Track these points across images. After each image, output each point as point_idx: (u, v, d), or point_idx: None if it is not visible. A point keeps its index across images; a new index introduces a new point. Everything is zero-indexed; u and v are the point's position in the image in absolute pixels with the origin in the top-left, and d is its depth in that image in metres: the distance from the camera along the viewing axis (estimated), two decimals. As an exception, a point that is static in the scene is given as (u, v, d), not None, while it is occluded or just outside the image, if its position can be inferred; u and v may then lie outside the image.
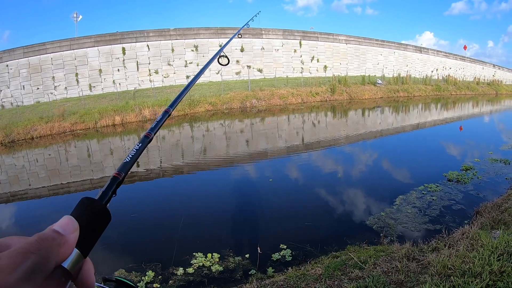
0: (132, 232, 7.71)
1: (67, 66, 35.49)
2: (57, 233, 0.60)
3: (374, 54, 53.61)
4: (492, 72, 75.37)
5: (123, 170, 0.88)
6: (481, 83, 62.29)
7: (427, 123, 25.09)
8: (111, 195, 0.80)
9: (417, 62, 59.52)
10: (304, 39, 46.92)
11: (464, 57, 70.53)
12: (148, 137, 1.10)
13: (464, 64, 68.95)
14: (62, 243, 0.59)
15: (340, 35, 50.19)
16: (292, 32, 46.13)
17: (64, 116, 24.36)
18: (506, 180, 10.71)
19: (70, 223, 0.64)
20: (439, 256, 4.71)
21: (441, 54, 65.17)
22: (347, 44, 50.62)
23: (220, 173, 13.06)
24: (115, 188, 0.82)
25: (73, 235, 0.62)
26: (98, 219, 0.70)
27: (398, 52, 57.00)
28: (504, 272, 3.84)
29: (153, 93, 32.19)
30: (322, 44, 48.34)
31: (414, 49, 60.27)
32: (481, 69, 72.94)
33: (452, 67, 65.53)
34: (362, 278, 4.57)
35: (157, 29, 39.22)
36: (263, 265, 6.03)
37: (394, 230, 7.29)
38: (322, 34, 48.68)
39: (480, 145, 17.03)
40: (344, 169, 12.92)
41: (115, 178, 0.84)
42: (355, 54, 51.42)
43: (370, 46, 53.28)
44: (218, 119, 26.13)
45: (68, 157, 16.86)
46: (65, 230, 0.61)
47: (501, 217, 6.35)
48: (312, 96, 35.22)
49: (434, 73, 59.73)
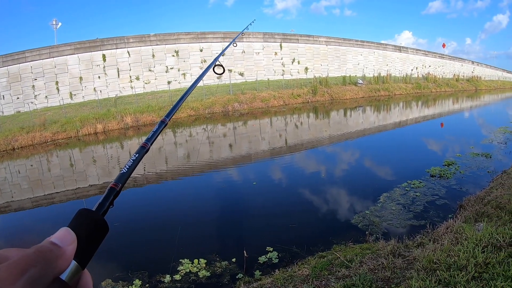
0: (117, 241, 7.62)
1: (47, 75, 35.03)
2: (55, 245, 0.60)
3: (354, 54, 54.04)
4: (471, 68, 76.67)
5: (120, 181, 0.90)
6: (460, 80, 63.27)
7: (409, 121, 25.32)
8: (108, 206, 0.80)
9: (397, 61, 60.16)
10: (285, 42, 47.07)
11: (443, 54, 71.61)
12: (145, 147, 1.09)
13: (443, 62, 69.97)
14: (60, 255, 0.59)
15: (320, 37, 50.46)
16: (273, 35, 46.24)
17: (45, 125, 24.05)
18: (488, 174, 10.86)
19: (67, 234, 0.64)
20: (424, 251, 4.74)
21: (420, 53, 66.00)
22: (327, 45, 50.91)
23: (204, 179, 12.99)
24: (112, 199, 0.83)
25: (70, 247, 0.62)
26: (95, 231, 0.70)
27: (378, 52, 57.55)
28: (489, 264, 3.88)
29: (134, 99, 31.99)
30: (302, 46, 48.56)
31: (393, 49, 60.90)
32: (460, 66, 74.12)
33: (432, 65, 66.42)
34: (349, 277, 4.57)
35: (138, 35, 39.03)
36: (250, 269, 5.99)
37: (379, 227, 7.32)
38: (302, 36, 48.91)
39: (461, 140, 17.23)
40: (328, 169, 12.96)
41: (112, 189, 0.85)
42: (335, 55, 51.73)
43: (350, 47, 53.69)
44: (201, 124, 26.06)
45: (51, 167, 16.64)
46: (63, 242, 0.61)
47: (484, 209, 6.41)
48: (294, 98, 35.30)
49: (414, 71, 60.45)
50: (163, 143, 20.23)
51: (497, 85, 76.08)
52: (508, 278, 3.48)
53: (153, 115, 26.24)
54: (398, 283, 4.17)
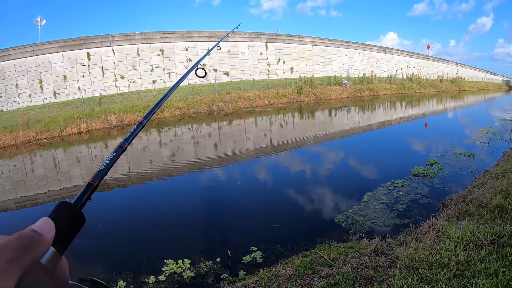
0: (101, 242, 7.56)
1: (31, 73, 34.39)
2: (35, 232, 0.66)
3: (339, 55, 54.25)
4: (455, 69, 77.44)
5: (98, 177, 0.95)
6: (444, 81, 64.07)
7: (393, 121, 25.53)
8: (85, 200, 0.87)
9: (382, 62, 60.56)
10: (270, 42, 47.08)
11: (428, 56, 72.22)
12: (122, 147, 1.14)
13: (427, 63, 70.60)
14: (40, 241, 0.65)
15: (306, 37, 50.58)
16: (258, 35, 46.23)
17: (28, 125, 23.70)
18: (470, 173, 11.01)
19: (47, 223, 0.69)
20: (407, 250, 4.78)
21: (405, 54, 66.50)
22: (312, 45, 51.03)
23: (188, 179, 12.94)
24: (90, 193, 0.90)
25: (49, 234, 0.68)
26: (73, 222, 0.76)
27: (363, 53, 57.87)
28: (470, 262, 3.92)
29: (119, 99, 31.72)
30: (288, 46, 48.62)
31: (378, 49, 61.27)
32: (444, 67, 74.84)
33: (416, 66, 66.98)
34: (332, 276, 4.59)
35: (123, 33, 38.61)
36: (235, 268, 5.99)
37: (362, 226, 7.37)
38: (288, 36, 48.96)
39: (444, 140, 17.44)
40: (312, 169, 13.01)
41: (90, 185, 0.91)
42: (320, 56, 51.88)
43: (336, 47, 53.90)
44: (186, 123, 25.95)
45: (34, 168, 16.44)
46: (43, 229, 0.67)
47: (467, 208, 6.47)
48: (279, 97, 35.33)
49: (398, 72, 60.90)
50: (148, 143, 20.13)
51: (480, 86, 77.06)
52: (489, 276, 3.52)
53: (138, 115, 26.03)
54: (381, 282, 4.20)
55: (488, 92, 70.08)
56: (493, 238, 4.31)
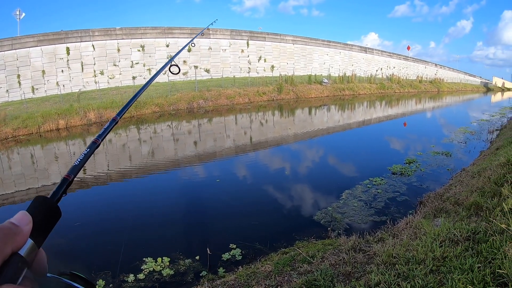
0: (78, 241, 7.47)
1: (9, 67, 33.59)
2: (13, 224, 0.70)
3: (320, 54, 54.51)
4: (434, 71, 78.52)
5: (73, 172, 1.00)
6: (423, 81, 64.94)
7: (372, 120, 25.76)
8: (61, 194, 0.91)
9: (362, 61, 61.06)
10: (252, 39, 47.06)
11: (408, 57, 73.08)
12: (96, 143, 1.20)
13: (407, 64, 71.45)
14: (18, 232, 0.69)
15: (287, 36, 50.68)
16: (240, 32, 46.16)
17: (5, 121, 23.27)
18: (447, 171, 11.18)
19: (24, 216, 0.74)
20: (384, 246, 4.82)
21: (385, 54, 67.17)
22: (294, 44, 51.17)
23: (167, 176, 12.88)
24: (65, 188, 0.94)
25: (27, 226, 0.72)
26: (50, 215, 0.80)
27: (344, 52, 58.24)
28: (446, 258, 3.96)
29: (98, 95, 31.39)
30: (269, 44, 48.65)
31: (359, 49, 61.74)
32: (423, 68, 75.81)
33: (396, 66, 67.72)
34: (310, 272, 4.61)
35: (103, 28, 38.05)
36: (214, 266, 6.00)
37: (341, 223, 7.43)
38: (270, 34, 48.99)
39: (422, 139, 17.65)
40: (292, 167, 13.05)
41: (65, 180, 0.96)
42: (301, 54, 52.06)
43: (317, 46, 54.12)
44: (165, 120, 25.77)
45: (12, 165, 16.19)
46: (20, 222, 0.72)
47: (443, 205, 6.56)
48: (259, 95, 35.35)
49: (378, 72, 61.50)
50: (127, 140, 19.97)
51: (459, 87, 78.22)
52: (464, 271, 3.56)
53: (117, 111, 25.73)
54: (358, 278, 4.23)
55: (466, 93, 71.14)
56: (469, 234, 4.36)
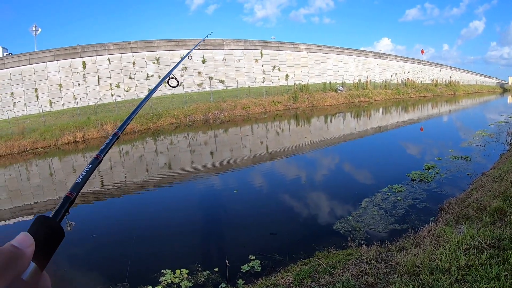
0: (96, 253, 7.50)
1: (26, 82, 34.27)
2: (15, 247, 0.65)
3: (334, 61, 54.40)
4: (449, 73, 77.98)
5: (75, 190, 0.98)
6: (439, 85, 64.34)
7: (389, 126, 25.55)
8: (64, 213, 0.88)
9: (377, 67, 60.79)
10: (265, 49, 47.12)
11: (422, 60, 72.69)
12: (98, 159, 1.16)
13: (422, 68, 71.04)
14: (20, 256, 0.65)
15: (301, 44, 50.68)
16: (253, 42, 46.28)
17: (24, 133, 23.61)
18: (467, 176, 11.01)
19: (26, 238, 0.69)
20: (406, 256, 4.73)
21: (400, 59, 66.87)
22: (307, 52, 51.14)
23: (185, 187, 12.88)
24: (68, 207, 0.91)
25: (29, 249, 0.67)
26: (52, 235, 0.76)
27: (358, 59, 58.06)
28: (471, 266, 3.88)
29: (115, 107, 31.67)
30: (283, 53, 48.69)
31: (373, 55, 61.52)
32: (438, 71, 75.34)
33: (411, 70, 67.37)
34: (332, 284, 4.55)
35: (118, 42, 38.57)
36: (233, 278, 5.94)
37: (361, 232, 7.33)
38: (283, 43, 49.05)
39: (441, 144, 17.44)
40: (309, 175, 12.97)
41: (68, 198, 0.93)
42: (315, 62, 51.99)
43: (330, 54, 54.05)
44: (182, 131, 25.87)
45: (30, 177, 16.37)
46: (22, 244, 0.67)
47: (465, 212, 6.45)
48: (275, 105, 35.32)
49: (393, 77, 61.19)
50: (144, 151, 20.07)
51: (475, 89, 77.48)
52: (491, 280, 3.49)
53: (133, 123, 25.94)
54: (381, 288, 4.16)
55: (482, 95, 70.52)
56: (494, 241, 4.28)
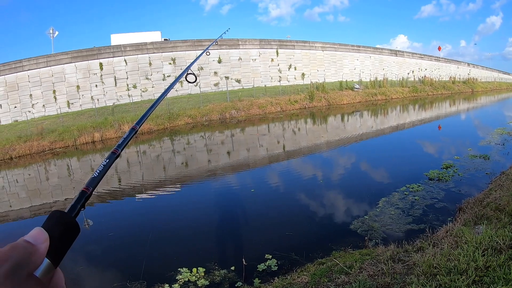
0: (113, 251, 7.58)
1: (45, 83, 34.96)
2: (28, 243, 0.63)
3: (350, 59, 54.10)
4: (467, 70, 77.00)
5: (91, 185, 0.93)
6: (457, 82, 63.44)
7: (406, 124, 25.32)
8: (79, 209, 0.84)
9: (393, 65, 60.31)
10: (281, 48, 47.07)
11: (439, 57, 71.90)
12: (115, 153, 1.15)
13: (439, 65, 70.27)
14: (33, 252, 0.62)
15: (316, 43, 50.51)
16: (269, 42, 46.25)
17: (42, 134, 24.01)
18: (486, 175, 10.83)
19: (40, 234, 0.67)
20: (424, 256, 4.70)
21: (416, 56, 66.27)
22: (323, 51, 50.95)
23: (202, 186, 12.93)
24: (84, 202, 0.87)
25: (43, 245, 0.65)
26: (67, 231, 0.73)
27: (374, 56, 57.66)
28: (489, 267, 3.85)
29: (132, 108, 31.96)
30: (298, 52, 48.58)
31: (389, 53, 61.06)
32: (456, 68, 74.44)
33: (428, 68, 66.68)
34: (348, 283, 4.53)
35: (134, 43, 39.03)
36: (249, 277, 5.94)
37: (378, 232, 7.28)
38: (299, 42, 48.95)
39: (459, 142, 17.21)
40: (326, 175, 12.91)
41: (83, 193, 0.88)
42: (331, 61, 51.77)
43: (346, 52, 53.76)
44: (198, 131, 25.98)
45: (49, 176, 16.58)
46: (36, 240, 0.64)
47: (484, 212, 6.38)
48: (291, 104, 35.30)
49: (410, 75, 60.55)
50: (161, 151, 20.20)
51: (493, 86, 76.26)
52: (509, 281, 3.46)
53: (150, 123, 26.13)
54: (398, 289, 4.14)
55: (501, 92, 69.34)
56: (512, 242, 4.24)
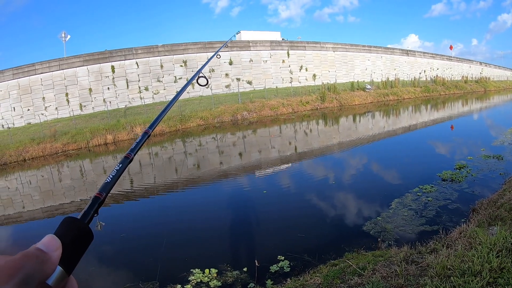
0: (126, 252, 7.61)
1: (57, 86, 35.30)
2: (41, 251, 0.61)
3: (361, 60, 53.94)
4: (479, 69, 76.33)
5: (104, 190, 0.92)
6: (469, 81, 62.85)
7: (418, 125, 25.17)
8: (92, 215, 0.83)
9: (405, 65, 60.03)
10: (292, 49, 47.07)
11: (451, 56, 71.43)
12: (128, 157, 1.12)
13: (451, 64, 69.79)
14: (46, 260, 0.60)
15: (327, 43, 50.45)
16: (280, 43, 46.29)
17: (55, 136, 24.21)
18: (500, 176, 10.72)
19: (53, 241, 0.65)
20: (437, 257, 4.68)
21: (428, 56, 65.90)
22: (334, 51, 50.86)
23: (214, 188, 12.96)
24: (97, 207, 0.86)
25: (56, 253, 0.63)
26: (80, 238, 0.72)
27: (386, 57, 57.43)
28: (504, 269, 3.82)
29: (144, 110, 32.10)
30: (309, 53, 48.55)
31: (401, 53, 60.79)
32: (468, 67, 73.86)
33: (440, 67, 66.26)
34: (361, 285, 4.52)
35: (146, 46, 39.28)
36: (262, 278, 5.93)
37: (391, 234, 7.25)
38: (309, 43, 48.92)
39: (472, 142, 17.06)
40: (338, 176, 12.88)
41: (97, 198, 0.88)
42: (343, 61, 51.66)
43: (358, 52, 53.62)
44: (210, 133, 26.04)
45: (62, 178, 16.72)
46: (48, 248, 0.63)
47: (498, 213, 6.33)
48: (303, 105, 35.24)
49: (422, 74, 60.25)
50: (173, 152, 20.28)
51: (506, 85, 75.38)
52: (523, 283, 3.44)
53: (163, 125, 26.23)
54: (411, 290, 4.13)
55: (514, 91, 68.73)
56: (527, 244, 4.21)
